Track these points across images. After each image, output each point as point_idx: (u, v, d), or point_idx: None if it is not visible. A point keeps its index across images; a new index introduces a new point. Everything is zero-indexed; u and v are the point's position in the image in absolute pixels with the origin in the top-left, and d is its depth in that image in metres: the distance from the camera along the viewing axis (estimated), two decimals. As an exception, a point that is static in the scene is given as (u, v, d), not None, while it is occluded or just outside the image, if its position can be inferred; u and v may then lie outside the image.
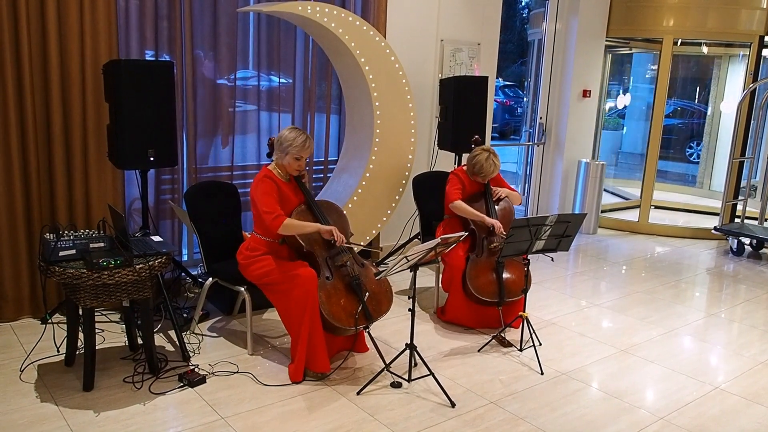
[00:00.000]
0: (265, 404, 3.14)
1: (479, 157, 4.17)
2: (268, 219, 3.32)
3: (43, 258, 3.05)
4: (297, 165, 3.47)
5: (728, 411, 3.29)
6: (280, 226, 3.32)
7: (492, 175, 4.21)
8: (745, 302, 5.02)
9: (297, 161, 3.45)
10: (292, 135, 3.42)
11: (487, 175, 4.19)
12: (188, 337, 3.86)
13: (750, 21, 6.74)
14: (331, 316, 3.33)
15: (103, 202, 4.06)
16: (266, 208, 3.33)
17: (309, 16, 4.37)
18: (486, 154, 4.17)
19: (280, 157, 3.47)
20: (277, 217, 3.32)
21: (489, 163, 4.15)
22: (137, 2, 4.18)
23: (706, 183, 9.11)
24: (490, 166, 4.15)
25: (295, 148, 3.41)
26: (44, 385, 3.20)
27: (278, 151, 3.47)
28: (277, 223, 3.31)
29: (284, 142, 3.43)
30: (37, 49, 3.78)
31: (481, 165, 4.16)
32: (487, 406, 3.23)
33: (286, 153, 3.44)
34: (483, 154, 4.17)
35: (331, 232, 3.41)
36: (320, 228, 3.41)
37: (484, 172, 4.17)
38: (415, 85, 5.40)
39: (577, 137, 7.23)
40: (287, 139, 3.42)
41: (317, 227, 3.42)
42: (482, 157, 4.16)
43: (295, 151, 3.42)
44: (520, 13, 15.22)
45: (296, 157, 3.44)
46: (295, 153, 3.42)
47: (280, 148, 3.45)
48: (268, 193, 3.37)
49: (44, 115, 3.87)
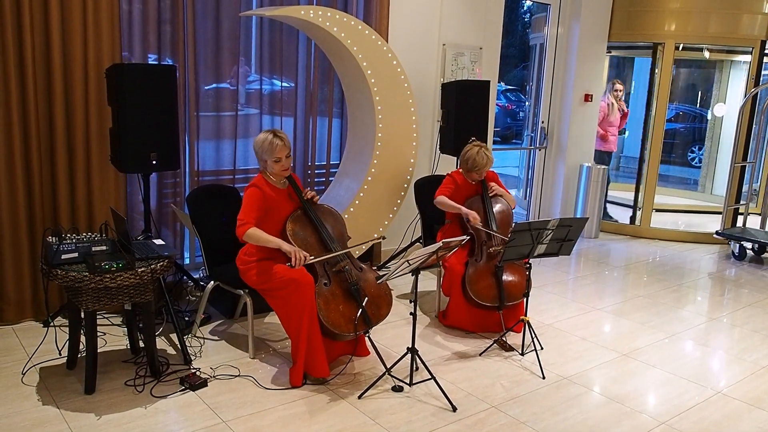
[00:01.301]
0: (267, 408, 3.14)
1: (470, 152, 4.19)
2: (237, 224, 3.33)
3: (45, 261, 3.06)
4: (280, 167, 3.42)
5: (730, 416, 3.29)
6: (244, 234, 3.31)
7: (486, 168, 4.21)
8: (746, 307, 5.01)
9: (277, 163, 3.41)
10: (259, 140, 3.39)
11: (480, 168, 4.19)
12: (190, 340, 3.86)
13: (752, 26, 6.74)
14: (330, 322, 3.32)
15: (106, 205, 4.06)
16: (240, 214, 3.34)
17: (311, 20, 4.38)
18: (477, 147, 4.19)
19: (264, 165, 3.47)
20: (242, 225, 3.31)
21: (481, 156, 4.16)
22: (140, 6, 4.19)
23: (708, 187, 9.11)
24: (482, 158, 4.16)
25: (266, 152, 3.39)
26: (46, 388, 3.20)
27: (259, 160, 3.47)
28: (241, 230, 3.32)
29: (257, 149, 3.41)
30: (41, 53, 3.79)
31: (473, 158, 4.17)
32: (489, 410, 3.23)
33: (264, 160, 3.43)
34: (473, 148, 4.19)
35: (291, 252, 3.25)
36: (282, 246, 3.31)
37: (477, 165, 4.17)
38: (417, 88, 5.41)
39: (578, 141, 7.23)
40: (257, 146, 3.40)
41: (279, 243, 3.32)
42: (473, 151, 4.18)
43: (268, 155, 3.39)
44: (522, 17, 15.22)
45: (275, 160, 3.40)
46: (271, 156, 3.39)
47: (257, 156, 3.45)
48: (248, 201, 3.37)
49: (47, 118, 3.88)
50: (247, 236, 3.32)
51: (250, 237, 3.33)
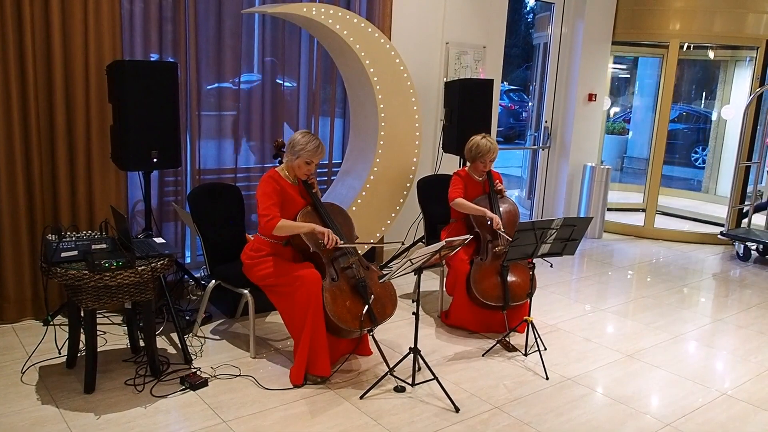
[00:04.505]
0: (268, 408, 3.11)
1: (474, 139, 4.23)
2: (262, 222, 3.35)
3: (45, 259, 3.04)
4: (307, 169, 3.49)
5: (735, 417, 3.25)
6: (274, 228, 3.33)
7: (490, 156, 4.21)
8: (751, 307, 4.97)
9: (307, 165, 3.48)
10: (304, 140, 3.45)
11: (484, 155, 4.18)
12: (190, 339, 3.84)
13: (757, 25, 6.71)
14: (336, 317, 3.31)
15: (106, 203, 4.04)
16: (262, 211, 3.36)
17: (314, 18, 4.36)
18: (479, 136, 4.22)
19: (291, 160, 3.49)
20: (271, 220, 3.33)
21: (485, 142, 4.18)
22: (142, 5, 4.17)
23: (712, 188, 9.06)
24: (485, 144, 4.17)
25: (307, 152, 3.44)
26: (45, 387, 3.18)
27: (289, 154, 3.48)
28: (270, 225, 3.33)
29: (296, 145, 3.45)
30: (41, 50, 3.77)
31: (477, 144, 4.19)
32: (492, 411, 3.20)
33: (297, 156, 3.45)
34: (476, 137, 4.22)
35: (325, 233, 3.37)
36: (315, 228, 3.39)
37: (481, 150, 4.17)
38: (420, 87, 5.38)
39: (582, 141, 7.20)
40: (300, 143, 3.44)
41: (312, 227, 3.39)
42: (477, 138, 4.21)
43: (306, 156, 3.44)
44: (525, 17, 15.20)
45: (307, 161, 3.46)
46: (306, 157, 3.45)
47: (291, 151, 3.46)
48: (267, 194, 3.39)
49: (47, 115, 3.86)
50: (278, 229, 3.34)
51: (281, 229, 3.35)
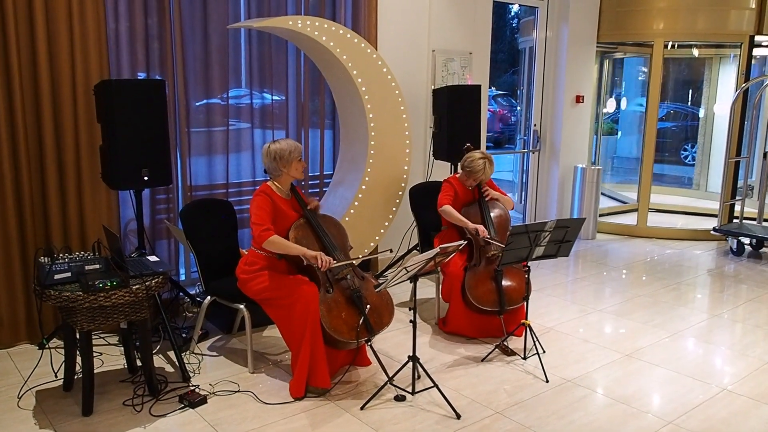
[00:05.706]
0: (268, 423, 3.09)
1: (476, 162, 4.21)
2: (257, 231, 3.33)
3: (38, 282, 3.02)
4: (302, 166, 3.57)
5: (737, 413, 3.25)
6: (266, 240, 3.32)
7: (480, 177, 4.22)
8: (747, 302, 4.99)
9: (300, 162, 3.54)
10: (286, 144, 3.50)
11: (475, 173, 4.19)
12: (188, 357, 3.81)
13: (740, 21, 6.77)
14: (332, 329, 3.30)
15: (98, 223, 4.02)
16: (257, 220, 3.35)
17: (300, 30, 4.37)
18: (483, 160, 4.20)
19: (285, 170, 3.49)
20: (266, 230, 3.33)
21: (480, 164, 4.18)
22: (127, 24, 4.17)
23: (703, 184, 9.11)
24: (480, 165, 4.17)
25: (297, 152, 3.50)
26: (42, 411, 3.15)
27: (280, 166, 3.48)
28: (264, 235, 3.32)
29: (284, 153, 3.47)
30: (27, 72, 3.76)
31: (473, 160, 4.20)
32: (493, 416, 3.19)
33: (290, 162, 3.47)
34: (480, 160, 4.20)
35: (316, 257, 3.33)
36: (305, 252, 3.36)
37: (473, 169, 4.18)
38: (408, 95, 5.39)
39: (571, 143, 7.23)
40: (285, 149, 3.48)
41: (302, 251, 3.36)
42: (479, 163, 4.20)
43: (297, 155, 3.50)
44: (510, 22, 15.30)
45: (299, 159, 3.52)
46: (297, 156, 3.51)
47: (281, 161, 3.47)
48: (261, 207, 3.39)
49: (36, 137, 3.84)
50: (270, 242, 3.33)
51: (272, 243, 3.34)
